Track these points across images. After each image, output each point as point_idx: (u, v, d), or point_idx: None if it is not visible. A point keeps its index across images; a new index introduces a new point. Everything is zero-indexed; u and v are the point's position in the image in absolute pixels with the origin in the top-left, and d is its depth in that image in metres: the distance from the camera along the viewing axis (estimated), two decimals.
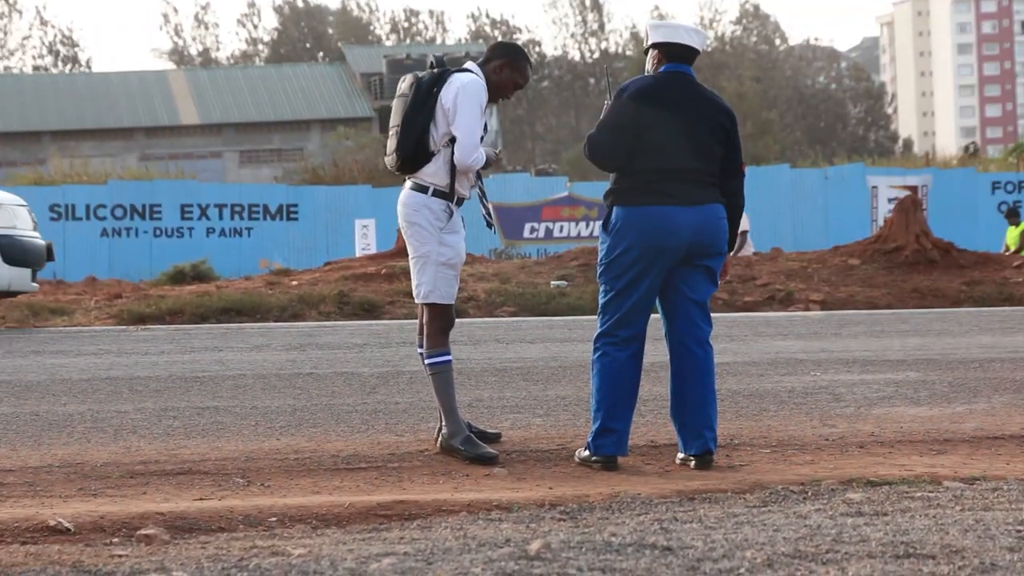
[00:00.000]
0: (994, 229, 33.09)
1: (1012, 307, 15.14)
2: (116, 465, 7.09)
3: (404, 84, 7.39)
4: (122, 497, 6.36)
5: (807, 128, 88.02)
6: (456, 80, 7.24)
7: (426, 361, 7.35)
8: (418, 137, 7.25)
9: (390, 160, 7.39)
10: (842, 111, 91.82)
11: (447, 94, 7.20)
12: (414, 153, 7.28)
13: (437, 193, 7.28)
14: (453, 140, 7.21)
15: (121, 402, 9.01)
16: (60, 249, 27.76)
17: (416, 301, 7.36)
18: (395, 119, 7.35)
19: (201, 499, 6.32)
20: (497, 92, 7.38)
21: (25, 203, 15.95)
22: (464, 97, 7.18)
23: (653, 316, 7.00)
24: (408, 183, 7.36)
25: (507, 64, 7.36)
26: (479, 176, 7.45)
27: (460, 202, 7.38)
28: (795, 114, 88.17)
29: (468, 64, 7.39)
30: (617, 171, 6.95)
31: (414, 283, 7.33)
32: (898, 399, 8.95)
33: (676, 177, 6.86)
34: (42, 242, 15.68)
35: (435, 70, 7.34)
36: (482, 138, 7.36)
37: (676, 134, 6.88)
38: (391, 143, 7.36)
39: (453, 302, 7.41)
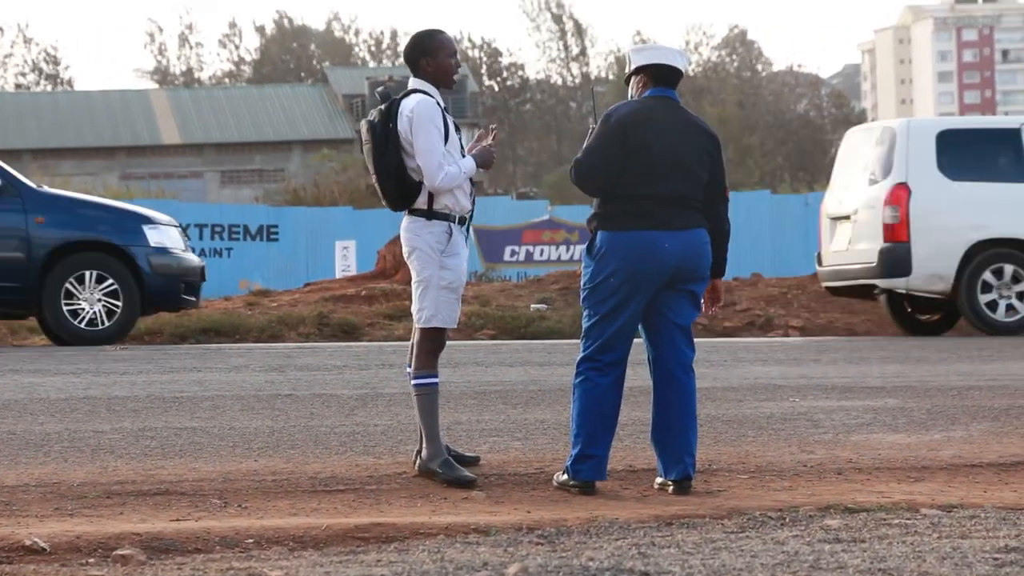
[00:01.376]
0: None
1: (990, 335, 15.17)
2: (93, 485, 7.07)
3: (362, 131, 7.40)
4: (98, 517, 6.34)
5: (788, 154, 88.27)
6: (404, 108, 7.23)
7: (412, 382, 7.33)
8: (396, 177, 7.25)
9: (384, 203, 7.41)
10: (823, 137, 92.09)
11: (402, 126, 7.20)
12: (400, 193, 7.28)
13: (436, 216, 7.27)
14: None
15: (99, 422, 8.98)
16: None
17: (417, 325, 7.33)
18: (369, 167, 7.37)
19: (178, 520, 6.30)
20: (444, 83, 7.37)
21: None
22: (416, 122, 7.18)
23: (636, 340, 7.01)
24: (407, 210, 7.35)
25: (427, 54, 7.33)
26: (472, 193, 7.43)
27: (463, 220, 7.35)
28: (776, 140, 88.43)
29: (410, 83, 7.38)
30: (602, 196, 6.96)
31: (415, 307, 7.31)
32: (876, 426, 8.97)
33: (661, 202, 6.87)
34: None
35: (382, 106, 7.34)
36: (462, 147, 7.36)
37: (661, 159, 6.89)
38: (378, 189, 7.37)
39: (455, 325, 7.41)
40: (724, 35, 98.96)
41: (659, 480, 7.02)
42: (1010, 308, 16.05)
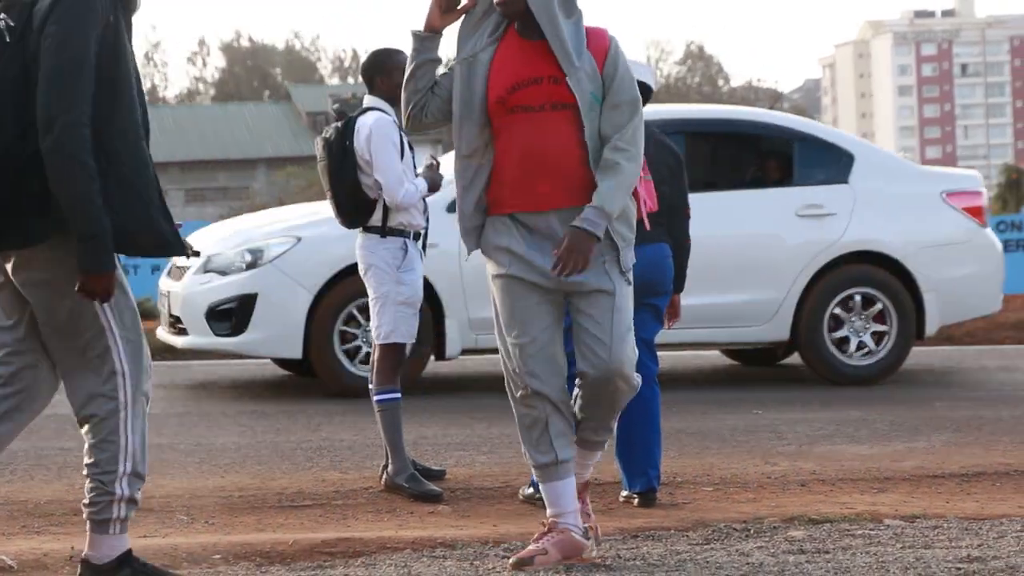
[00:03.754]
0: None
1: (952, 346, 15.26)
2: (59, 503, 7.07)
3: (318, 149, 7.44)
4: (66, 535, 6.34)
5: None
6: (362, 125, 7.29)
7: (375, 398, 7.37)
8: (351, 194, 7.31)
9: (339, 221, 7.45)
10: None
11: (359, 143, 7.26)
12: (354, 210, 7.35)
13: (392, 232, 7.31)
14: None
15: (65, 439, 8.97)
16: None
17: (377, 343, 7.36)
18: (324, 184, 7.41)
19: (145, 536, 6.30)
20: (400, 101, 7.40)
21: None
22: (374, 140, 7.24)
23: None
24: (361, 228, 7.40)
25: (383, 72, 7.39)
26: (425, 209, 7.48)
27: (417, 236, 7.41)
28: None
29: (365, 101, 7.43)
30: None
31: (374, 324, 7.35)
32: (839, 437, 9.02)
33: None
34: None
35: (338, 123, 7.38)
36: (414, 166, 7.40)
37: None
38: (332, 207, 7.41)
39: (413, 340, 7.44)
40: (683, 52, 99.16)
41: (624, 493, 7.05)
42: None
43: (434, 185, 7.49)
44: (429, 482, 7.29)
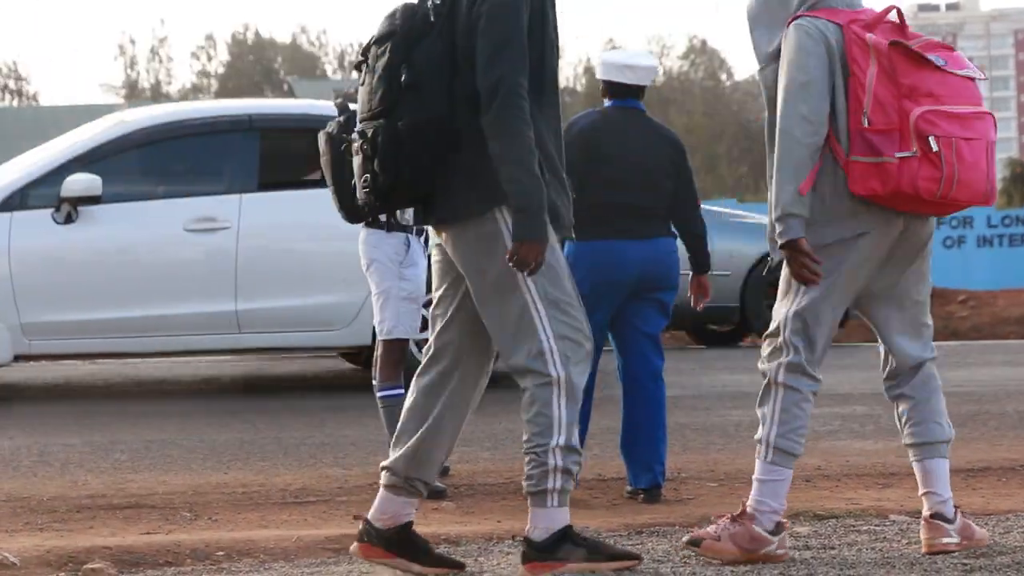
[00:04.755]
0: (939, 262, 33.28)
1: (957, 341, 15.26)
2: (63, 499, 7.06)
3: (321, 144, 7.42)
4: (69, 531, 6.34)
5: (753, 163, 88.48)
6: None
7: (378, 394, 7.35)
8: (352, 189, 7.25)
9: (341, 216, 7.42)
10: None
11: None
12: (356, 205, 7.30)
13: (394, 227, 7.30)
14: None
15: (68, 436, 8.97)
16: None
17: (380, 338, 7.35)
18: (327, 179, 7.38)
19: (148, 533, 6.30)
20: None
21: None
22: None
23: (607, 349, 7.03)
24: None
25: None
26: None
27: (420, 232, 7.39)
28: (741, 148, 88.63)
29: None
30: None
31: (377, 319, 7.33)
32: (844, 433, 9.00)
33: (624, 212, 6.90)
34: None
35: (340, 118, 7.36)
36: None
37: (622, 170, 6.92)
38: (334, 201, 7.39)
39: (417, 336, 7.43)
40: (685, 46, 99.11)
41: (629, 489, 7.04)
42: None
43: None
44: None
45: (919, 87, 5.20)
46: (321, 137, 7.44)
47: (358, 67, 5.16)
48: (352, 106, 7.44)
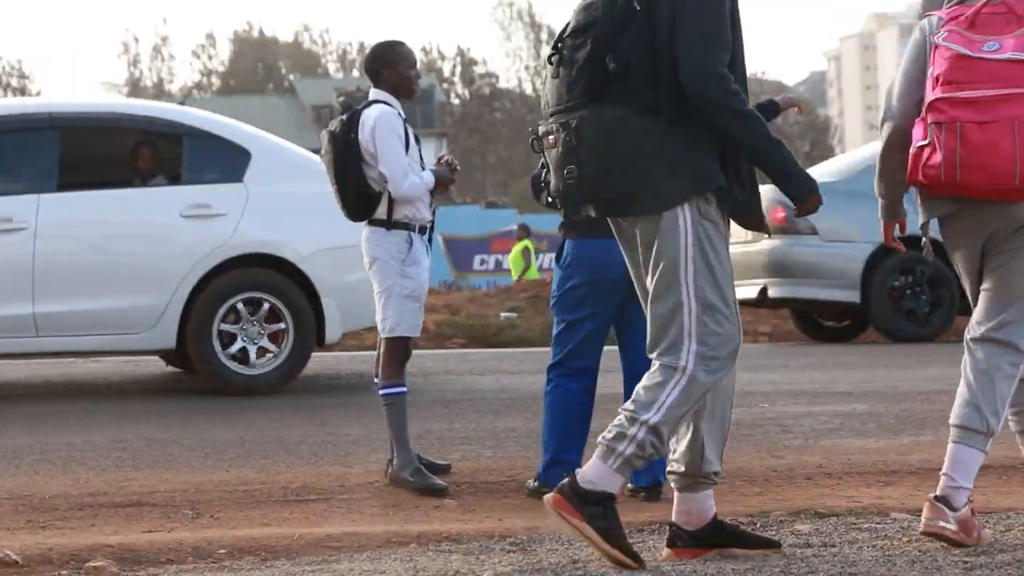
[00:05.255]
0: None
1: (958, 339, 15.23)
2: (65, 497, 7.07)
3: (323, 142, 7.44)
4: (71, 529, 6.34)
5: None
6: (366, 119, 7.27)
7: (380, 392, 7.37)
8: (357, 188, 7.30)
9: (344, 214, 7.45)
10: (789, 144, 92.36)
11: (364, 136, 7.24)
12: (359, 203, 7.33)
13: (397, 225, 7.31)
14: None
15: (70, 434, 8.97)
16: None
17: (382, 336, 7.36)
18: (330, 177, 7.40)
19: (150, 531, 6.31)
20: (405, 94, 7.43)
21: None
22: (379, 132, 7.23)
23: (610, 348, 7.03)
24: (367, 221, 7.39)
25: (388, 65, 7.40)
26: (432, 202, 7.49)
27: (423, 230, 7.40)
28: None
29: (371, 95, 7.43)
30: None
31: (379, 317, 7.34)
32: (845, 431, 9.00)
33: None
34: None
35: (343, 116, 7.38)
36: (421, 159, 7.41)
37: None
38: (338, 199, 7.40)
39: (418, 334, 7.44)
40: None
41: (630, 487, 7.04)
42: None
43: (443, 182, 7.49)
44: (434, 476, 7.28)
45: (942, 76, 5.34)
46: (323, 136, 7.45)
47: (550, 59, 5.15)
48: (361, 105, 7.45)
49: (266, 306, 10.76)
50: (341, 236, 10.35)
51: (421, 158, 7.46)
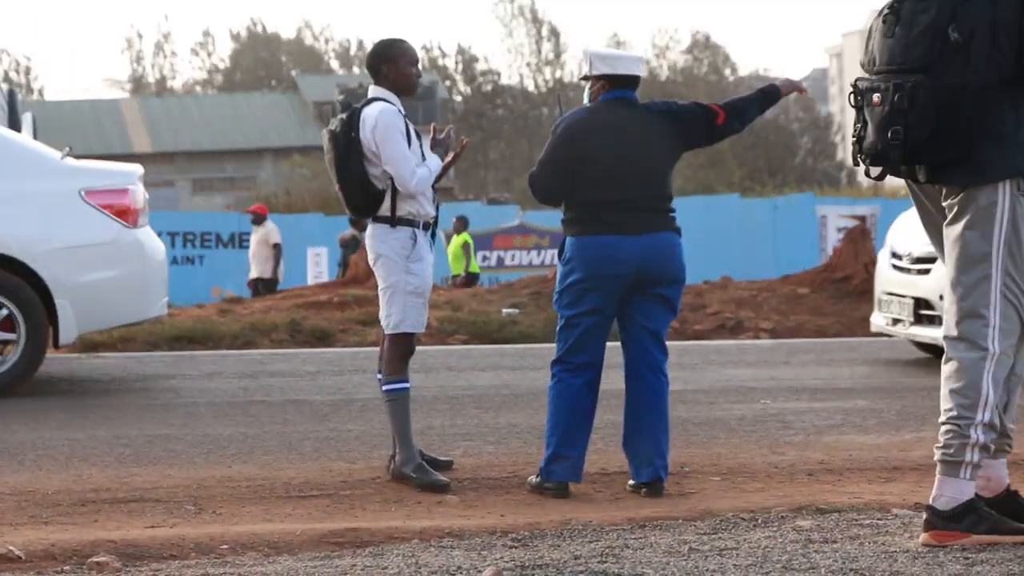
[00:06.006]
0: None
1: None
2: (67, 493, 7.08)
3: (324, 142, 7.44)
4: (73, 525, 6.35)
5: (757, 158, 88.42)
6: (367, 116, 7.26)
7: (383, 387, 7.37)
8: (360, 186, 7.29)
9: (350, 212, 7.46)
10: (791, 142, 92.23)
11: (365, 134, 7.23)
12: (364, 201, 7.33)
13: (401, 222, 7.31)
14: None
15: (72, 430, 8.98)
16: None
17: (386, 332, 7.36)
18: (333, 177, 7.41)
19: (152, 527, 6.31)
20: (405, 91, 7.42)
21: None
22: (381, 130, 7.22)
23: (613, 344, 7.04)
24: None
25: (388, 62, 7.39)
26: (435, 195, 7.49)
27: (427, 226, 7.40)
28: (745, 144, 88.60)
29: (371, 92, 7.42)
30: (561, 203, 7.03)
31: (383, 313, 7.34)
32: (847, 427, 9.01)
33: (620, 207, 6.90)
34: None
35: (343, 115, 7.38)
36: (423, 155, 7.41)
37: (617, 164, 6.91)
38: (341, 198, 7.41)
39: (423, 330, 7.45)
40: (689, 41, 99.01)
41: (632, 483, 7.05)
42: None
43: (445, 149, 7.48)
44: (436, 472, 7.29)
45: None
46: (324, 135, 7.45)
47: (885, 17, 5.20)
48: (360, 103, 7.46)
49: (3, 311, 10.41)
50: (76, 235, 10.28)
51: (423, 154, 7.46)
